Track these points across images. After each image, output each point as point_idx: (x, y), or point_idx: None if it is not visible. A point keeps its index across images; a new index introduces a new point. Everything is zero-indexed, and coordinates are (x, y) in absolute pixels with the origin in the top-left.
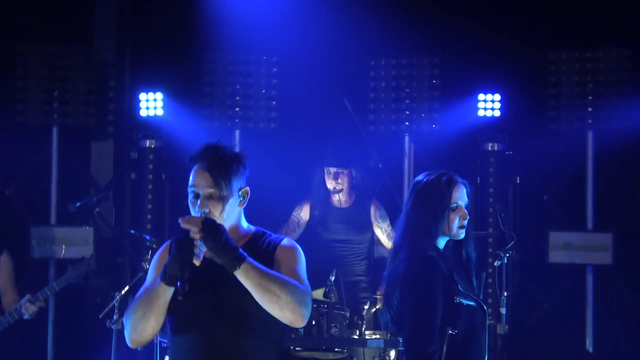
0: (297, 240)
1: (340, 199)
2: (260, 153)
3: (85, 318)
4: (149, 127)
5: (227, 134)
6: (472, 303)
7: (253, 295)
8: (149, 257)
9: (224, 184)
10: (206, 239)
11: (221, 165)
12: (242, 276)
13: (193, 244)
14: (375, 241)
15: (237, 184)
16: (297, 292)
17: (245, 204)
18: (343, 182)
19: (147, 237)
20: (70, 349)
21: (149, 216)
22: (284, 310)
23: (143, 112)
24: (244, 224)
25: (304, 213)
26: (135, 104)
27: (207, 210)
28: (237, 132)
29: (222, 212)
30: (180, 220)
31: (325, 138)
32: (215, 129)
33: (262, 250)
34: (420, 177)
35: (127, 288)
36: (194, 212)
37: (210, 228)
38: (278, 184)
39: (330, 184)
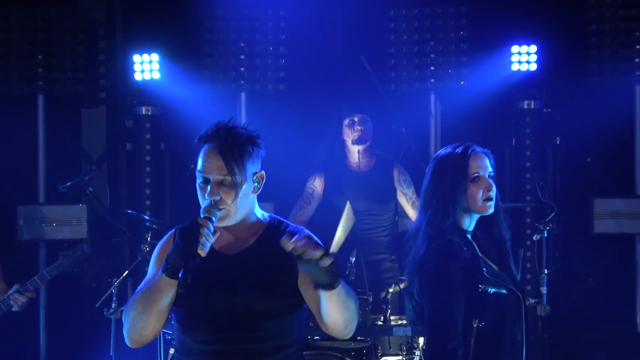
0: (312, 215)
1: (360, 160)
2: (268, 118)
3: (80, 305)
4: (145, 92)
5: (231, 97)
6: (501, 290)
7: (328, 312)
8: (149, 238)
9: (237, 169)
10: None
11: (235, 147)
12: (333, 295)
13: (199, 232)
14: (399, 212)
15: (251, 168)
16: (356, 304)
17: (260, 190)
18: (367, 131)
19: (146, 217)
20: (65, 341)
21: (147, 191)
22: (348, 326)
23: (138, 76)
24: (258, 211)
25: (318, 184)
26: (128, 67)
27: (217, 198)
28: (243, 95)
29: (234, 200)
30: (304, 248)
31: (340, 100)
32: (218, 92)
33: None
34: (439, 152)
35: (125, 273)
36: (203, 198)
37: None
38: (289, 153)
39: (353, 134)
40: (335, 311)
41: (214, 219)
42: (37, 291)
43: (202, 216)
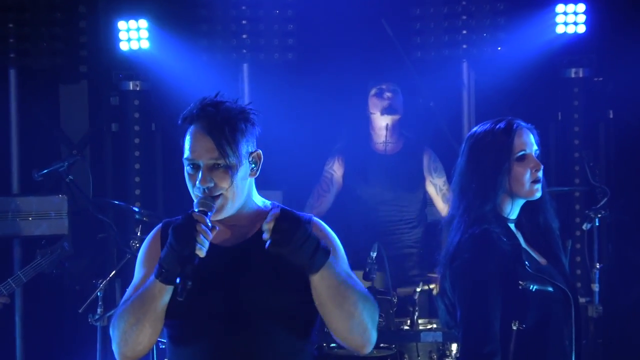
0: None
1: (387, 139)
2: (275, 92)
3: (61, 311)
4: (132, 64)
5: (232, 68)
6: (547, 288)
7: (320, 305)
8: (139, 233)
9: (230, 150)
10: (283, 242)
11: (225, 124)
12: (319, 278)
13: (196, 229)
14: (427, 202)
15: (246, 147)
16: (371, 307)
17: (258, 172)
18: (398, 102)
19: (136, 209)
20: (44, 352)
21: (137, 178)
22: (354, 332)
23: (124, 46)
24: (257, 198)
25: (337, 168)
26: (113, 36)
27: (211, 185)
28: (245, 66)
29: (230, 185)
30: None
31: (358, 71)
32: (217, 64)
33: None
34: (474, 129)
35: (112, 273)
36: (193, 189)
37: (288, 224)
38: (300, 133)
39: (382, 102)
40: (329, 303)
41: (210, 212)
42: (11, 296)
43: (196, 211)
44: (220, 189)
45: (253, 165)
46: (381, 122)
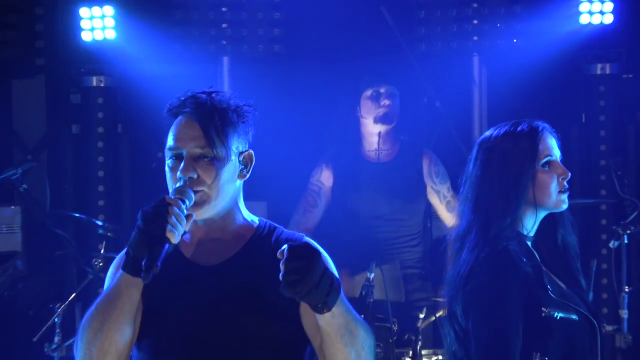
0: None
1: (380, 146)
2: (259, 89)
3: (13, 339)
4: (96, 57)
5: (210, 62)
6: (571, 316)
7: (329, 346)
8: (102, 250)
9: (218, 140)
10: (298, 284)
11: (215, 113)
12: (330, 317)
13: (168, 212)
14: (432, 215)
15: (237, 143)
16: (372, 341)
17: (248, 175)
18: (395, 109)
19: (99, 222)
20: None
21: (100, 187)
22: None
23: (86, 36)
24: (244, 211)
25: (325, 178)
26: (74, 24)
27: (194, 176)
28: (225, 60)
29: (215, 179)
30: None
31: (353, 66)
32: (193, 57)
33: (274, 257)
34: (488, 133)
35: (72, 296)
36: (173, 182)
37: (304, 263)
38: (286, 136)
39: (377, 110)
40: (338, 342)
41: (187, 201)
42: None
43: (172, 197)
44: (203, 183)
45: (243, 167)
46: (373, 129)
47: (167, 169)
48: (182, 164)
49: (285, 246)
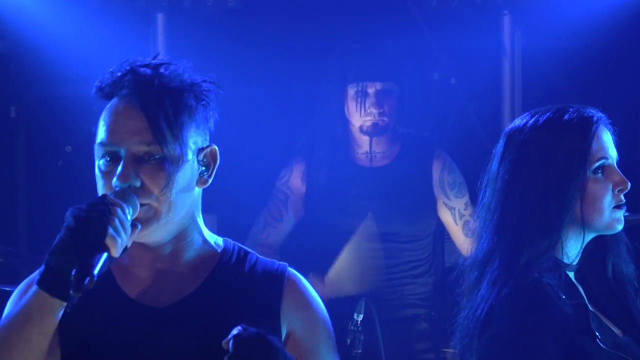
0: (292, 235)
1: (373, 148)
2: (206, 61)
3: None
4: None
5: (140, 22)
6: None
7: None
8: None
9: (169, 133)
10: None
11: (166, 95)
12: None
13: (111, 212)
14: (444, 236)
15: (195, 136)
16: None
17: (211, 180)
18: (390, 111)
19: None
20: None
21: None
22: None
23: None
24: (204, 230)
25: (295, 181)
26: None
27: (137, 184)
28: (160, 18)
29: (165, 188)
30: None
31: (339, 28)
32: (116, 14)
33: (247, 296)
34: (521, 121)
35: None
36: (106, 190)
37: (251, 351)
38: (244, 126)
39: (364, 119)
40: None
41: (130, 208)
42: None
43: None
44: (149, 194)
45: (203, 169)
46: (362, 136)
47: (97, 172)
48: (119, 168)
49: (231, 335)
